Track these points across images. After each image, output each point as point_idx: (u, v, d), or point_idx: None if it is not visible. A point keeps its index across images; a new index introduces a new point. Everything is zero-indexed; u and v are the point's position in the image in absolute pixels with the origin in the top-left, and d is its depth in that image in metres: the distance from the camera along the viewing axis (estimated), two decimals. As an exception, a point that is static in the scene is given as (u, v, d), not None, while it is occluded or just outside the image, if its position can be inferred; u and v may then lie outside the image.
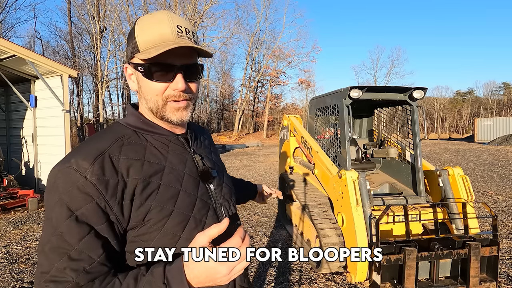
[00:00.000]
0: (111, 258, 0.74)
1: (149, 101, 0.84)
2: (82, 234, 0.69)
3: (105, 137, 0.81)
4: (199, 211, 0.85)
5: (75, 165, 0.71)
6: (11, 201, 6.76)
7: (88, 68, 27.92)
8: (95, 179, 0.71)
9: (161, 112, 0.84)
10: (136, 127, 0.86)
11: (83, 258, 0.69)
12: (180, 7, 27.09)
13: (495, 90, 59.76)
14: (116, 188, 0.73)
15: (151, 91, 0.82)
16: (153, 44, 0.79)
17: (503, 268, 3.83)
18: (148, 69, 0.80)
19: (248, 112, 43.07)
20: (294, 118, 5.28)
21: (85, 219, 0.70)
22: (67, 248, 0.68)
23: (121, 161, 0.76)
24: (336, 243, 3.29)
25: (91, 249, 0.69)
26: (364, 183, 3.28)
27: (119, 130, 0.85)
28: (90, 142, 0.80)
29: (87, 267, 0.68)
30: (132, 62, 0.84)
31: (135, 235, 0.78)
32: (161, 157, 0.84)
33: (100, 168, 0.72)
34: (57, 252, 0.68)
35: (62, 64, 9.00)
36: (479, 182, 8.99)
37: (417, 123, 3.88)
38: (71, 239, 0.69)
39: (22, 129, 9.33)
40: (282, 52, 37.74)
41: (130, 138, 0.83)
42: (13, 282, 3.67)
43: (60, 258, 0.68)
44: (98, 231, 0.71)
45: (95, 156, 0.74)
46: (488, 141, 23.23)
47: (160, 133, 0.88)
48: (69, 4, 28.75)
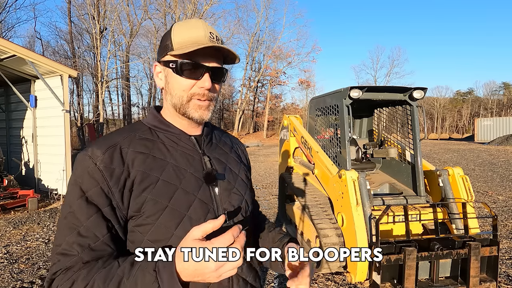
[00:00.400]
0: (115, 241, 0.80)
1: (174, 97, 0.89)
2: (90, 213, 0.77)
3: (122, 131, 0.90)
4: (195, 212, 0.85)
5: (90, 153, 0.81)
6: (11, 201, 6.77)
7: (88, 68, 27.92)
8: (102, 166, 0.79)
9: (184, 107, 0.89)
10: (152, 125, 0.93)
11: (89, 235, 0.76)
12: (180, 7, 27.10)
13: (495, 90, 59.81)
14: (120, 177, 0.80)
15: (179, 86, 0.88)
16: (187, 44, 0.86)
17: (503, 268, 3.83)
18: (180, 66, 0.86)
19: (248, 112, 43.07)
20: (294, 118, 5.28)
21: (92, 200, 0.78)
22: (77, 225, 0.76)
23: (129, 153, 0.84)
24: (336, 243, 3.29)
25: (96, 228, 0.77)
26: (364, 183, 3.28)
27: (136, 127, 0.93)
28: (109, 135, 0.89)
29: (92, 244, 0.76)
30: (163, 60, 0.90)
31: (134, 225, 0.83)
32: (166, 154, 0.88)
33: (109, 157, 0.81)
34: (69, 228, 0.77)
35: (62, 64, 9.00)
36: (479, 182, 9.00)
37: (417, 123, 3.88)
38: (81, 217, 0.77)
39: (22, 129, 9.33)
40: (282, 52, 37.76)
41: (143, 134, 0.90)
42: (13, 282, 3.67)
43: (71, 233, 0.76)
44: (103, 213, 0.78)
45: (108, 146, 0.83)
46: (488, 141, 23.23)
47: (172, 131, 0.93)
48: (69, 4, 28.76)
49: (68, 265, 0.74)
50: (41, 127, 8.50)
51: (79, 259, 0.75)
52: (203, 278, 0.67)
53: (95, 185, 0.79)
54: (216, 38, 0.89)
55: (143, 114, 38.22)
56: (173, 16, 27.15)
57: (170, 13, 27.99)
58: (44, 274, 3.89)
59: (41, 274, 3.89)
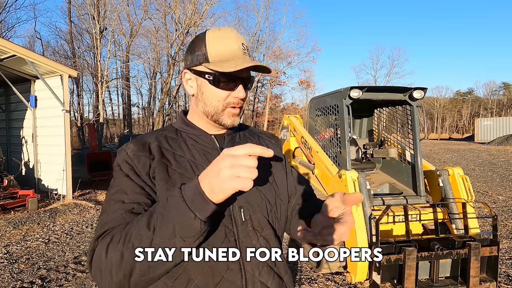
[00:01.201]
0: None
1: (209, 106, 0.94)
2: (133, 187, 0.86)
3: (154, 132, 1.00)
4: None
5: (125, 146, 0.94)
6: (11, 201, 6.76)
7: (88, 68, 27.90)
8: (132, 154, 0.91)
9: (218, 116, 0.94)
10: (178, 126, 1.01)
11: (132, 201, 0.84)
12: (180, 7, 27.09)
13: (495, 90, 59.79)
14: (146, 163, 0.90)
15: (214, 97, 0.92)
16: (224, 57, 0.90)
17: (503, 268, 3.83)
18: (218, 79, 0.90)
19: (248, 112, 43.07)
20: (294, 118, 5.28)
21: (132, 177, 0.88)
22: (122, 196, 0.85)
23: (155, 146, 0.93)
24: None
25: (138, 197, 0.85)
26: (364, 183, 3.28)
27: (166, 128, 1.03)
28: (143, 135, 1.00)
29: (135, 208, 0.83)
30: (196, 69, 0.94)
31: None
32: (186, 150, 0.95)
33: (138, 148, 0.92)
34: (115, 200, 0.85)
35: (62, 64, 9.00)
36: (479, 182, 9.00)
37: (417, 123, 3.88)
38: (126, 188, 0.86)
39: (22, 129, 9.33)
40: (282, 52, 37.74)
41: (170, 133, 0.99)
42: (13, 282, 3.67)
43: (116, 203, 0.85)
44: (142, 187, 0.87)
45: (139, 142, 0.95)
46: (488, 141, 23.23)
47: (194, 131, 0.99)
48: (69, 4, 28.73)
49: (112, 225, 0.80)
50: (41, 127, 8.50)
51: (122, 219, 0.81)
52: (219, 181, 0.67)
53: (131, 168, 0.89)
54: (247, 49, 0.94)
55: (143, 114, 38.22)
56: (173, 16, 27.14)
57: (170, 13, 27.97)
58: (44, 274, 3.89)
59: (41, 274, 3.89)
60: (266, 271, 0.90)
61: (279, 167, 1.07)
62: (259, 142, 1.10)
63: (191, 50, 0.96)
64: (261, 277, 0.89)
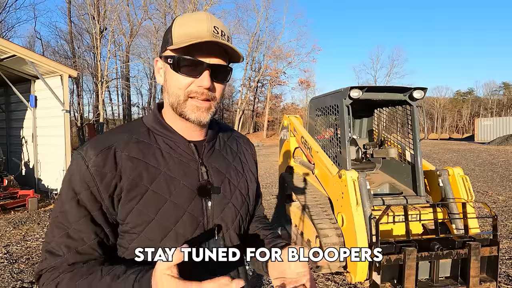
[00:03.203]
0: (103, 245, 0.78)
1: (171, 95, 0.82)
2: (80, 216, 0.76)
3: (121, 130, 0.86)
4: (183, 226, 0.81)
5: (84, 153, 0.78)
6: (11, 201, 6.76)
7: (88, 68, 27.92)
8: (94, 169, 0.76)
9: (180, 107, 0.82)
10: (151, 125, 0.87)
11: (77, 238, 0.75)
12: (180, 7, 27.10)
13: (495, 90, 59.78)
14: (110, 182, 0.77)
15: (176, 84, 0.81)
16: (187, 38, 0.78)
17: (503, 268, 3.83)
18: (177, 62, 0.79)
19: (248, 112, 43.07)
20: (294, 118, 5.28)
21: (83, 203, 0.76)
22: (67, 226, 0.75)
23: (123, 156, 0.79)
24: (336, 243, 3.29)
25: (85, 232, 0.75)
26: (364, 183, 3.28)
27: (135, 126, 0.88)
28: (107, 134, 0.84)
29: (79, 247, 0.75)
30: (163, 55, 0.84)
31: (121, 231, 0.81)
32: (161, 161, 0.82)
33: (102, 160, 0.77)
34: (59, 227, 0.76)
35: (62, 64, 8.99)
36: (479, 182, 9.00)
37: (417, 123, 3.88)
38: (71, 218, 0.75)
39: (22, 129, 9.33)
40: (282, 52, 37.76)
41: (140, 136, 0.84)
42: (13, 282, 3.67)
43: (60, 233, 0.75)
44: (93, 217, 0.77)
45: (102, 148, 0.79)
46: (488, 141, 23.22)
47: (171, 136, 0.86)
48: (69, 4, 28.76)
49: (54, 265, 0.75)
50: (41, 127, 8.50)
51: (64, 260, 0.74)
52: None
53: (86, 188, 0.76)
54: (222, 34, 0.81)
55: (143, 114, 38.20)
56: (173, 16, 27.14)
57: (170, 13, 27.98)
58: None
59: (41, 274, 3.89)
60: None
61: (253, 177, 1.04)
62: (237, 148, 1.02)
63: (163, 39, 0.87)
64: None
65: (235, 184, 0.93)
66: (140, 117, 0.92)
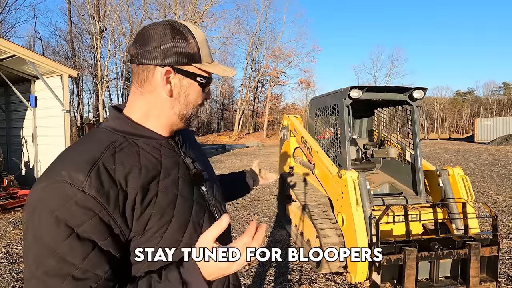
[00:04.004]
0: (117, 271, 0.71)
1: (189, 108, 0.88)
2: (87, 252, 0.65)
3: (93, 145, 0.75)
4: (196, 215, 0.86)
5: (68, 179, 0.66)
6: (11, 201, 6.76)
7: (88, 68, 27.92)
8: (94, 192, 0.67)
9: (193, 118, 0.91)
10: (125, 132, 0.81)
11: (89, 276, 0.65)
12: (180, 7, 27.09)
13: (495, 90, 59.77)
14: (117, 199, 0.70)
15: (197, 100, 0.89)
16: (209, 60, 0.87)
17: (503, 268, 3.83)
18: (207, 82, 0.88)
19: (248, 112, 43.06)
20: (294, 118, 5.28)
21: (87, 235, 0.66)
22: (70, 270, 0.64)
23: (117, 169, 0.72)
24: (336, 243, 3.29)
25: (97, 266, 0.66)
26: (364, 183, 3.28)
27: (106, 137, 0.79)
28: (76, 152, 0.74)
29: (93, 285, 0.65)
30: (184, 69, 0.83)
31: (138, 244, 0.75)
32: (156, 162, 0.81)
33: (97, 179, 0.68)
34: (58, 276, 0.64)
35: (62, 64, 9.00)
36: (479, 182, 8.99)
37: (417, 123, 3.88)
38: (74, 259, 0.64)
39: (22, 129, 9.33)
40: (282, 52, 37.73)
41: (121, 145, 0.78)
42: (13, 282, 3.67)
43: (63, 281, 0.63)
44: (102, 247, 0.68)
45: (89, 166, 0.69)
46: (488, 141, 23.22)
47: (150, 136, 0.84)
48: (69, 4, 28.76)
49: None
50: (41, 127, 8.50)
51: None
52: (226, 274, 0.74)
53: (91, 216, 0.66)
54: None
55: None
56: (173, 16, 27.13)
57: (170, 13, 27.97)
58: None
59: (41, 274, 3.89)
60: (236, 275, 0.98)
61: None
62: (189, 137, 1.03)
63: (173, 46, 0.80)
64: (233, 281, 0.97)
65: (209, 166, 1.05)
66: (97, 127, 0.83)
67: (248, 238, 0.72)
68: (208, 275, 0.71)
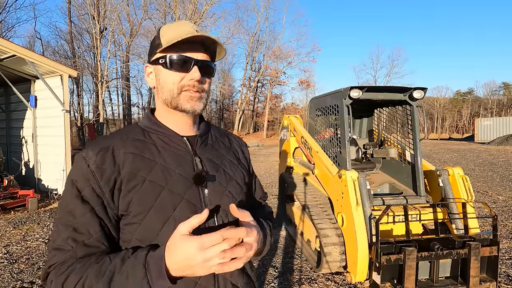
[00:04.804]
0: (108, 238, 0.82)
1: (165, 91, 0.91)
2: (85, 211, 0.80)
3: (118, 133, 0.93)
4: (181, 212, 0.85)
5: (85, 154, 0.85)
6: (11, 201, 6.76)
7: (88, 68, 27.90)
8: (94, 167, 0.83)
9: (175, 100, 0.90)
10: (146, 126, 0.95)
11: (84, 232, 0.79)
12: (180, 7, 27.09)
13: (495, 90, 59.76)
14: (110, 177, 0.83)
15: (169, 80, 0.90)
16: (175, 38, 0.87)
17: (503, 268, 3.83)
18: (169, 60, 0.88)
19: (248, 112, 43.07)
20: (294, 118, 5.28)
21: (86, 199, 0.81)
22: (73, 221, 0.80)
23: (120, 154, 0.86)
24: (336, 243, 3.29)
25: (90, 225, 0.80)
26: (364, 183, 3.28)
27: (131, 128, 0.95)
28: (105, 137, 0.92)
29: (86, 240, 0.79)
30: (153, 59, 0.92)
31: (123, 224, 0.85)
32: (156, 154, 0.89)
33: (102, 159, 0.84)
34: (65, 224, 0.81)
35: (62, 64, 8.99)
36: (479, 182, 8.99)
37: (417, 123, 3.88)
38: (76, 214, 0.80)
39: (22, 129, 9.32)
40: (282, 52, 37.73)
41: (135, 135, 0.92)
42: (13, 282, 3.67)
43: (66, 229, 0.80)
44: (96, 212, 0.81)
45: (101, 148, 0.86)
46: (488, 141, 23.23)
47: (164, 132, 0.93)
48: (69, 4, 28.74)
49: (62, 260, 0.78)
50: (41, 127, 8.49)
51: (73, 253, 0.78)
52: (192, 272, 0.70)
53: (88, 184, 0.82)
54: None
55: (143, 114, 38.15)
56: (173, 16, 27.13)
57: (170, 13, 27.97)
58: (44, 274, 3.89)
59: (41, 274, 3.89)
60: (236, 273, 0.93)
61: (246, 169, 1.09)
62: (229, 144, 1.08)
63: (150, 48, 0.96)
64: (233, 279, 0.92)
65: (231, 174, 0.99)
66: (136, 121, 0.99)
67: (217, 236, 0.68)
68: (173, 262, 0.69)
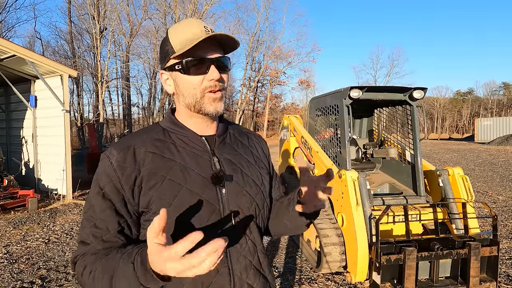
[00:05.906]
0: (126, 234, 0.86)
1: (187, 96, 0.91)
2: (105, 207, 0.85)
3: (140, 133, 0.96)
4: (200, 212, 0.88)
5: (109, 153, 0.89)
6: (11, 201, 6.76)
7: (88, 68, 27.88)
8: (116, 165, 0.86)
9: (199, 104, 0.91)
10: (166, 126, 0.97)
11: (102, 227, 0.84)
12: (180, 7, 27.09)
13: (495, 90, 59.74)
14: (131, 175, 0.86)
15: (189, 85, 0.90)
16: (186, 42, 0.87)
17: (503, 268, 3.83)
18: (186, 65, 0.88)
19: (248, 112, 43.07)
20: (294, 118, 5.28)
21: (108, 196, 0.85)
22: (94, 217, 0.85)
23: (141, 152, 0.89)
24: (336, 243, 3.29)
25: (109, 222, 0.84)
26: (364, 183, 3.28)
27: (152, 128, 0.98)
28: (128, 136, 0.95)
29: (103, 236, 0.84)
30: (167, 66, 0.93)
31: (144, 220, 0.88)
32: (175, 153, 0.91)
33: (123, 157, 0.87)
34: (88, 219, 0.86)
35: (62, 64, 8.99)
36: (479, 182, 8.99)
37: (417, 123, 3.88)
38: (97, 210, 0.85)
39: (22, 129, 9.32)
40: (282, 52, 37.68)
41: (156, 135, 0.94)
42: (13, 282, 3.67)
43: (89, 224, 0.85)
44: (116, 208, 0.85)
45: (123, 147, 0.89)
46: (488, 141, 23.22)
47: (183, 132, 0.95)
48: (69, 4, 28.73)
49: (84, 252, 0.84)
50: (41, 127, 8.49)
51: (92, 247, 0.84)
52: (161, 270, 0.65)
53: (109, 181, 0.86)
54: (212, 31, 0.90)
55: (143, 114, 38.19)
56: (173, 16, 27.13)
57: (170, 13, 27.97)
58: (44, 274, 3.89)
59: (41, 274, 3.89)
60: (252, 273, 0.93)
61: (265, 169, 1.09)
62: (248, 142, 1.08)
63: (160, 52, 0.96)
64: (248, 279, 0.92)
65: (248, 174, 1.00)
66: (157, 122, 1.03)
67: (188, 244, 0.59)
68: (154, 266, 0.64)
